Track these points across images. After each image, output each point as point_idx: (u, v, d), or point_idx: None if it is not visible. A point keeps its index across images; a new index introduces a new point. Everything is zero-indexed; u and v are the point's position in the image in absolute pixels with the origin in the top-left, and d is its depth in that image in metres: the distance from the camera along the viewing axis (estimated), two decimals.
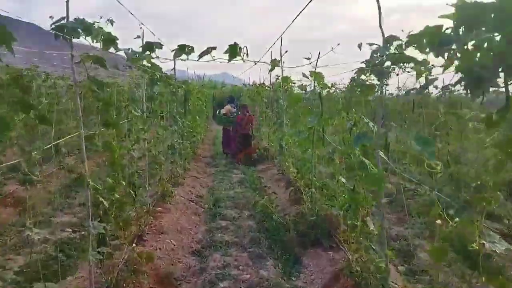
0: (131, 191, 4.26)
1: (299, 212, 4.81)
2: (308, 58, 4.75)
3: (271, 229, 4.83)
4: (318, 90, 4.51)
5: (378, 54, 2.47)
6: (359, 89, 2.95)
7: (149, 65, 4.47)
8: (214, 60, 3.89)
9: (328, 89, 5.04)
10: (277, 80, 7.58)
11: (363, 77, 2.83)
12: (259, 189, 7.27)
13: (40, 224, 4.72)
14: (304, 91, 6.97)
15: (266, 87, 9.55)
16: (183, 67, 11.57)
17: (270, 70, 5.85)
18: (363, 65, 2.68)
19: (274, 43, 7.36)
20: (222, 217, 5.57)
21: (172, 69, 6.88)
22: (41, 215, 5.15)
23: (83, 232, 4.72)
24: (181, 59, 3.92)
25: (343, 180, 3.57)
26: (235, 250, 4.33)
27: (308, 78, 4.91)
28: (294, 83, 7.37)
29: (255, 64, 4.84)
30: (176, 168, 6.92)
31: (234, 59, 3.88)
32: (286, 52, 6.63)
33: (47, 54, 5.07)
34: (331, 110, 5.58)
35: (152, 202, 5.39)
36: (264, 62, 5.26)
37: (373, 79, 2.70)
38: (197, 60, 3.87)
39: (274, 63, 5.27)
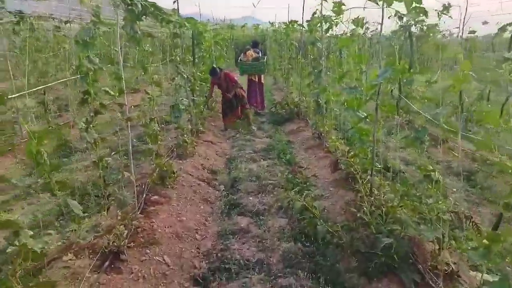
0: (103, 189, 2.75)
1: (355, 218, 3.18)
2: None
3: (314, 242, 3.25)
4: (409, 21, 2.62)
5: None
6: None
7: None
8: None
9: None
10: (316, 15, 5.57)
11: None
12: (290, 163, 5.63)
13: None
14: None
15: (298, 26, 7.47)
16: (196, 9, 9.51)
17: None
18: None
19: None
20: (242, 209, 4.02)
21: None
22: None
23: None
24: None
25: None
26: (258, 280, 2.81)
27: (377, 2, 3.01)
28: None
29: None
30: (183, 135, 5.33)
31: None
32: None
33: None
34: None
35: (143, 190, 3.90)
36: None
37: None
38: None
39: None
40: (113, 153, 4.70)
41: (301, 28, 7.37)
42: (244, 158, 5.80)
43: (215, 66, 8.07)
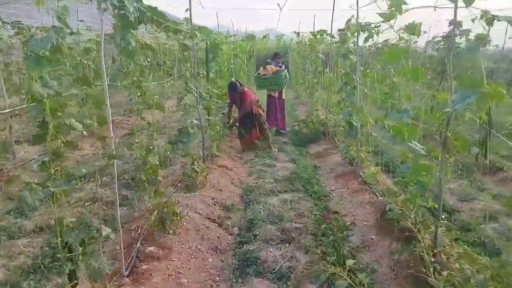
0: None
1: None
2: None
3: None
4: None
5: None
6: None
7: None
8: None
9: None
10: (350, 22, 4.73)
11: None
12: (319, 196, 4.73)
13: None
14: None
15: (327, 36, 6.62)
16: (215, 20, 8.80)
17: None
18: None
19: None
20: (260, 267, 3.13)
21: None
22: None
23: None
24: None
25: None
26: None
27: None
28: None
29: None
30: (192, 164, 4.54)
31: None
32: None
33: None
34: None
35: (138, 237, 3.11)
36: None
37: None
38: None
39: None
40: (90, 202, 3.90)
41: (330, 38, 6.53)
42: (264, 190, 4.93)
43: (234, 80, 7.33)
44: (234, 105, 7.09)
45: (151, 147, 3.25)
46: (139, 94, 3.05)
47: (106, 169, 2.48)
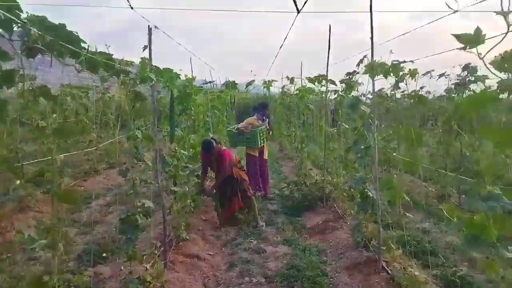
0: None
1: None
2: None
3: None
4: None
5: None
6: None
7: None
8: None
9: None
10: (363, 65, 3.55)
11: None
12: None
13: None
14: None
15: (324, 84, 5.40)
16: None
17: None
18: None
19: None
20: None
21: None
22: None
23: None
24: None
25: None
26: None
27: None
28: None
29: None
30: (143, 267, 2.98)
31: None
32: None
33: None
34: None
35: None
36: None
37: None
38: None
39: None
40: None
41: (326, 86, 5.36)
42: None
43: (211, 137, 5.97)
44: (209, 169, 5.65)
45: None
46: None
47: None
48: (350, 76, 4.07)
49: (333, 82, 5.01)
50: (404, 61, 2.86)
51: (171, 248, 4.16)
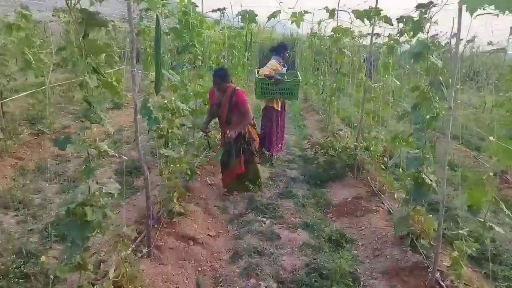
0: None
1: None
2: None
3: None
4: None
5: None
6: None
7: None
8: None
9: None
10: None
11: None
12: None
13: None
14: None
15: (369, 24, 3.98)
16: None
17: None
18: None
19: None
20: None
21: None
22: None
23: None
24: None
25: None
26: None
27: None
28: None
29: None
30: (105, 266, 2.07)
31: None
32: None
33: None
34: None
35: None
36: None
37: None
38: None
39: None
40: None
41: (373, 23, 3.98)
42: None
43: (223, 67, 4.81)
44: (217, 110, 4.42)
45: None
46: None
47: None
48: (423, 10, 2.72)
49: (388, 20, 3.63)
50: None
51: (160, 228, 3.25)
